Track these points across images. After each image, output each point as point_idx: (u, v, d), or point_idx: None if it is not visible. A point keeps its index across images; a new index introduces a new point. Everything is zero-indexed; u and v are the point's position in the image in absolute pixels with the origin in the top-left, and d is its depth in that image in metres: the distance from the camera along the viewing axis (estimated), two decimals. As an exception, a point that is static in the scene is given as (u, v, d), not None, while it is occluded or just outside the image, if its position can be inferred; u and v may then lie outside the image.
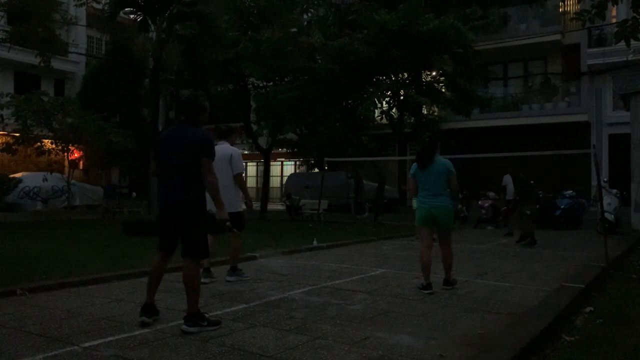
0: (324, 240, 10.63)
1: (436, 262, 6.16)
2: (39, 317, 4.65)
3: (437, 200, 5.90)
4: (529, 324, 4.34)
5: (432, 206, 5.91)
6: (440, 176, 5.92)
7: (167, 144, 4.46)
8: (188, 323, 4.22)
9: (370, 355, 3.68)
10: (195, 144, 4.32)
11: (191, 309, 4.27)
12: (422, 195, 6.02)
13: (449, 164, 5.99)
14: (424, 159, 5.97)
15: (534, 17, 22.90)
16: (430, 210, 5.92)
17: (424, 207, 5.98)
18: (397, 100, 16.78)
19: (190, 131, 4.40)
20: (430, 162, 5.93)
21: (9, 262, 7.38)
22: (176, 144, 4.38)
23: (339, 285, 6.29)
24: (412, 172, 6.14)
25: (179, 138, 4.39)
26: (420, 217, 6.07)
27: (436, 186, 5.91)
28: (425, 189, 5.97)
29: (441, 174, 5.92)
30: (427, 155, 5.97)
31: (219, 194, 4.47)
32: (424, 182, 5.98)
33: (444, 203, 5.92)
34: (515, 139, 20.43)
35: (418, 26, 14.24)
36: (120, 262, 7.55)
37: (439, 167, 5.94)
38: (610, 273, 7.26)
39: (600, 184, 9.40)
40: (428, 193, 5.94)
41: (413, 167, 6.13)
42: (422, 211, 6.01)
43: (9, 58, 21.46)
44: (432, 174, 5.93)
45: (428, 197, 5.94)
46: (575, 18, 5.86)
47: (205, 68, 16.84)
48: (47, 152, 18.09)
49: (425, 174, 5.96)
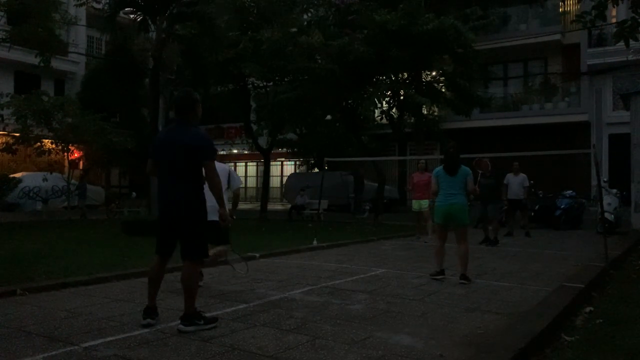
0: (324, 240, 10.63)
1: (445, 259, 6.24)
2: (39, 317, 4.65)
3: (455, 198, 6.60)
4: (529, 324, 4.34)
5: (450, 204, 6.59)
6: (462, 181, 6.67)
7: (165, 144, 4.37)
8: (184, 322, 4.23)
9: (370, 355, 3.68)
10: (195, 145, 4.26)
11: (188, 309, 4.27)
12: (442, 195, 6.69)
13: (469, 170, 6.80)
14: (454, 167, 6.70)
15: (534, 17, 22.89)
16: (448, 208, 6.59)
17: (443, 205, 6.65)
18: (397, 100, 16.77)
19: (189, 132, 4.32)
20: (458, 169, 6.69)
21: (9, 262, 7.38)
22: (175, 144, 4.30)
23: (339, 285, 6.29)
24: (436, 175, 6.82)
25: (178, 138, 4.31)
26: (439, 215, 6.74)
27: (457, 188, 6.64)
28: (446, 190, 6.66)
29: (462, 178, 6.67)
30: (456, 163, 6.72)
31: (222, 195, 4.47)
32: (447, 185, 6.67)
33: (460, 201, 6.61)
34: (515, 139, 20.42)
35: (418, 26, 14.23)
36: (120, 262, 7.55)
37: (463, 173, 6.70)
38: (610, 273, 7.27)
39: (600, 184, 9.40)
40: (448, 193, 6.63)
41: (437, 171, 6.83)
42: (442, 209, 6.67)
43: (9, 58, 21.46)
44: (456, 179, 6.66)
45: (447, 197, 6.62)
46: (575, 21, 5.84)
47: (205, 68, 16.82)
48: (47, 152, 18.10)
49: (450, 178, 6.68)
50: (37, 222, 15.76)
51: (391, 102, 17.09)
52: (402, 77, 16.86)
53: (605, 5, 5.57)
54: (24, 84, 23.08)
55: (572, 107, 21.92)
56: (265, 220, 17.35)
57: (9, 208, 19.71)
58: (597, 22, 5.70)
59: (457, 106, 16.95)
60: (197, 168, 4.29)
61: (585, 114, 21.24)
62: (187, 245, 4.36)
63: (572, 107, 21.99)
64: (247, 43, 16.05)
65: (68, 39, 24.54)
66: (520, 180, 12.48)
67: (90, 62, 26.94)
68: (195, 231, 4.34)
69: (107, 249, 9.09)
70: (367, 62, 14.88)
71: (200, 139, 4.31)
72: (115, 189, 26.87)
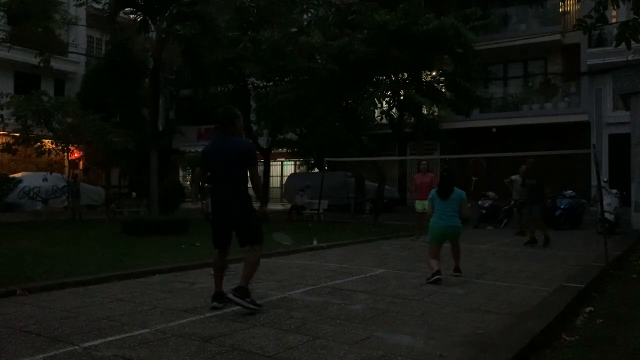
0: (324, 240, 10.63)
1: (440, 261, 6.20)
2: (39, 317, 4.65)
3: (451, 221, 6.75)
4: (529, 324, 4.34)
5: (445, 227, 6.75)
6: (456, 204, 6.81)
7: (218, 153, 5.05)
8: (235, 293, 4.78)
9: (370, 355, 3.68)
10: (243, 152, 5.03)
11: (243, 284, 4.90)
12: (436, 217, 6.82)
13: (463, 194, 6.92)
14: (446, 191, 6.83)
15: (534, 17, 22.89)
16: (443, 231, 6.77)
17: (438, 226, 6.78)
18: (397, 100, 16.76)
19: (237, 140, 5.09)
20: (451, 193, 6.80)
21: (9, 262, 7.38)
22: (227, 153, 5.00)
23: (339, 285, 6.29)
24: (431, 197, 6.99)
25: (229, 148, 5.00)
26: (434, 236, 6.84)
27: (451, 211, 6.77)
28: (441, 212, 6.79)
29: (457, 202, 6.80)
30: (448, 187, 6.86)
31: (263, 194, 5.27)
32: (441, 207, 6.80)
33: (455, 223, 6.80)
34: (515, 139, 20.43)
35: (418, 26, 14.22)
36: (120, 262, 7.55)
37: (456, 197, 6.82)
38: (610, 273, 7.26)
39: (600, 184, 9.39)
40: (443, 215, 6.76)
41: (432, 193, 7.00)
42: (437, 230, 6.80)
43: (9, 58, 21.46)
44: (449, 203, 6.78)
45: (442, 219, 6.76)
46: (576, 25, 5.81)
47: (205, 68, 16.80)
48: (47, 152, 18.09)
49: (444, 202, 6.80)
50: (37, 222, 15.75)
51: (391, 102, 17.07)
52: (402, 77, 16.85)
53: (606, 6, 5.54)
54: (24, 84, 23.07)
55: (572, 107, 21.93)
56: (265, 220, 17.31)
57: (9, 208, 19.69)
58: (598, 24, 5.67)
59: (457, 106, 16.94)
60: (245, 171, 5.05)
61: (585, 114, 21.25)
62: (247, 235, 5.07)
63: (572, 107, 22.00)
64: (247, 43, 16.02)
65: (68, 39, 24.54)
66: None
67: (90, 62, 26.92)
68: (251, 223, 5.09)
69: (107, 249, 9.09)
70: (367, 62, 14.86)
71: (247, 146, 5.15)
72: (115, 189, 26.87)
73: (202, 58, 16.18)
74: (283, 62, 16.20)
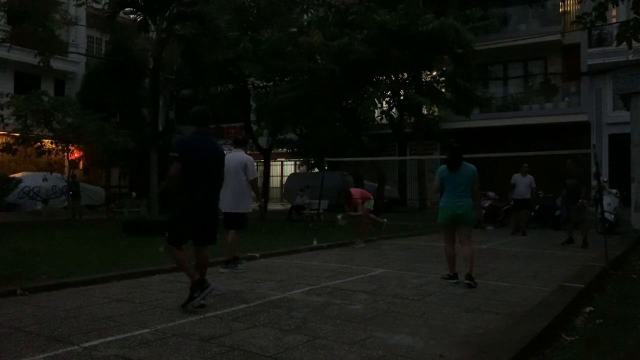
0: (324, 240, 10.62)
1: (440, 261, 6.18)
2: (39, 317, 4.65)
3: (462, 201, 6.26)
4: (529, 324, 4.33)
5: (457, 206, 6.24)
6: (468, 180, 6.29)
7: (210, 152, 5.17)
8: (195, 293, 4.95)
9: (370, 355, 3.68)
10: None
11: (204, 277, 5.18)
12: (447, 196, 6.34)
13: (475, 169, 6.37)
14: (455, 161, 6.34)
15: (534, 17, 22.91)
16: (455, 210, 6.25)
17: (449, 207, 6.30)
18: (397, 100, 16.78)
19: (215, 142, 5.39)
20: (460, 165, 6.31)
21: (9, 262, 7.38)
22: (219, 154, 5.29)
23: (339, 285, 6.29)
24: (439, 174, 6.48)
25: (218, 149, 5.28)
26: (444, 217, 6.39)
27: (462, 188, 6.27)
28: (452, 190, 6.30)
29: (469, 178, 6.29)
30: (458, 157, 6.35)
31: None
32: (452, 184, 6.31)
33: (467, 204, 6.28)
34: (515, 139, 20.43)
35: (418, 26, 14.24)
36: (120, 262, 7.54)
37: (468, 172, 6.32)
38: (610, 273, 7.26)
39: (600, 184, 9.40)
40: (454, 194, 6.28)
41: (441, 170, 6.48)
42: (447, 211, 6.32)
43: (9, 58, 21.47)
44: (460, 177, 6.29)
45: (454, 198, 6.28)
46: (576, 22, 5.82)
47: (205, 68, 16.81)
48: (47, 152, 18.10)
49: (454, 176, 6.31)
50: (37, 222, 15.75)
51: (391, 102, 17.09)
52: (402, 77, 16.87)
53: (606, 7, 5.55)
54: (24, 84, 23.08)
55: (572, 107, 21.93)
56: (265, 220, 17.34)
57: (9, 208, 19.70)
58: (598, 23, 5.69)
59: (457, 106, 16.95)
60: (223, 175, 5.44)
61: (585, 114, 21.25)
62: (212, 235, 5.24)
63: (572, 107, 22.00)
64: (247, 43, 16.03)
65: (68, 39, 24.55)
66: (528, 182, 12.70)
67: (90, 62, 26.94)
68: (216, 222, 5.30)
69: (107, 249, 9.08)
70: (367, 62, 14.88)
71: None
72: (115, 189, 26.87)
73: (202, 58, 16.19)
74: (283, 62, 16.20)
